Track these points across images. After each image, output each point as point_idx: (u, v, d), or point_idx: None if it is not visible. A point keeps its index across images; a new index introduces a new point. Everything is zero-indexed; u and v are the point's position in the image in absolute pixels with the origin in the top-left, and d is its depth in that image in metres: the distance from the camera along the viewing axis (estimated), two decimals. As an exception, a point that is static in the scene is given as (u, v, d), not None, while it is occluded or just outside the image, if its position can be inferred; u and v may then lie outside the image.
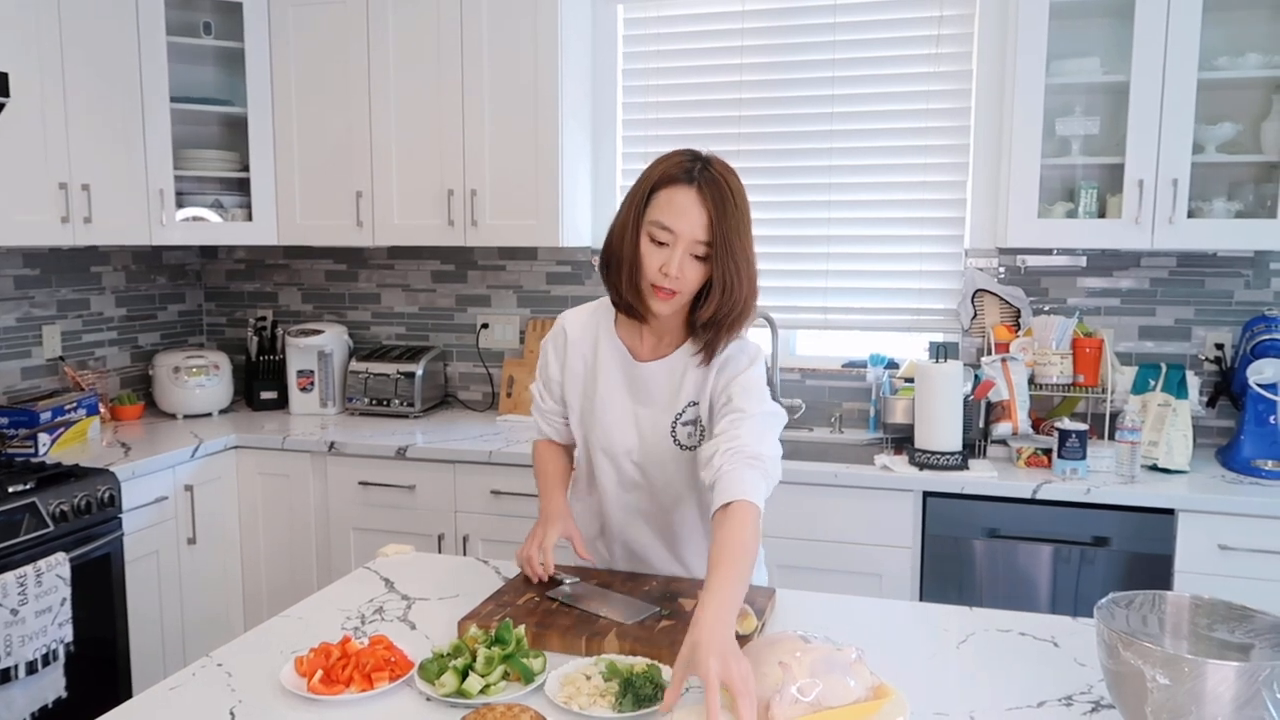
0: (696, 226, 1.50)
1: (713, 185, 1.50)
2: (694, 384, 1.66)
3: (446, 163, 3.20)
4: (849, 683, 1.26)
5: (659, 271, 1.52)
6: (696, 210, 1.49)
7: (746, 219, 1.54)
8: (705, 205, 1.49)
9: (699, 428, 1.67)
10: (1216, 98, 2.74)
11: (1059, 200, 2.90)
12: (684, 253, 1.51)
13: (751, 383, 1.59)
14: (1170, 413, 2.69)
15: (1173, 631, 1.29)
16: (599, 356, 1.71)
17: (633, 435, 1.70)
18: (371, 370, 3.45)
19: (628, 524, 1.79)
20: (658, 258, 1.52)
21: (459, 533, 2.99)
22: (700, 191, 1.50)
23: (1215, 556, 2.44)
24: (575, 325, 1.74)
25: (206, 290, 3.93)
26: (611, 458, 1.73)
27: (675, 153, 1.57)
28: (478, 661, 1.36)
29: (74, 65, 2.85)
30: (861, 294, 3.26)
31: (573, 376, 1.74)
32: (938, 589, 2.64)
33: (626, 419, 1.70)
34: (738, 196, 1.52)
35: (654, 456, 1.70)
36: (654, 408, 1.68)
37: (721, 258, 1.50)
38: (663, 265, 1.52)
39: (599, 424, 1.72)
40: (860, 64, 3.19)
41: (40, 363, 3.20)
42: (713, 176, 1.51)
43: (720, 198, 1.49)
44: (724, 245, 1.50)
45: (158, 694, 1.38)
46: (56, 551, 2.36)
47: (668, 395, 1.67)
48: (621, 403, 1.70)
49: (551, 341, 1.77)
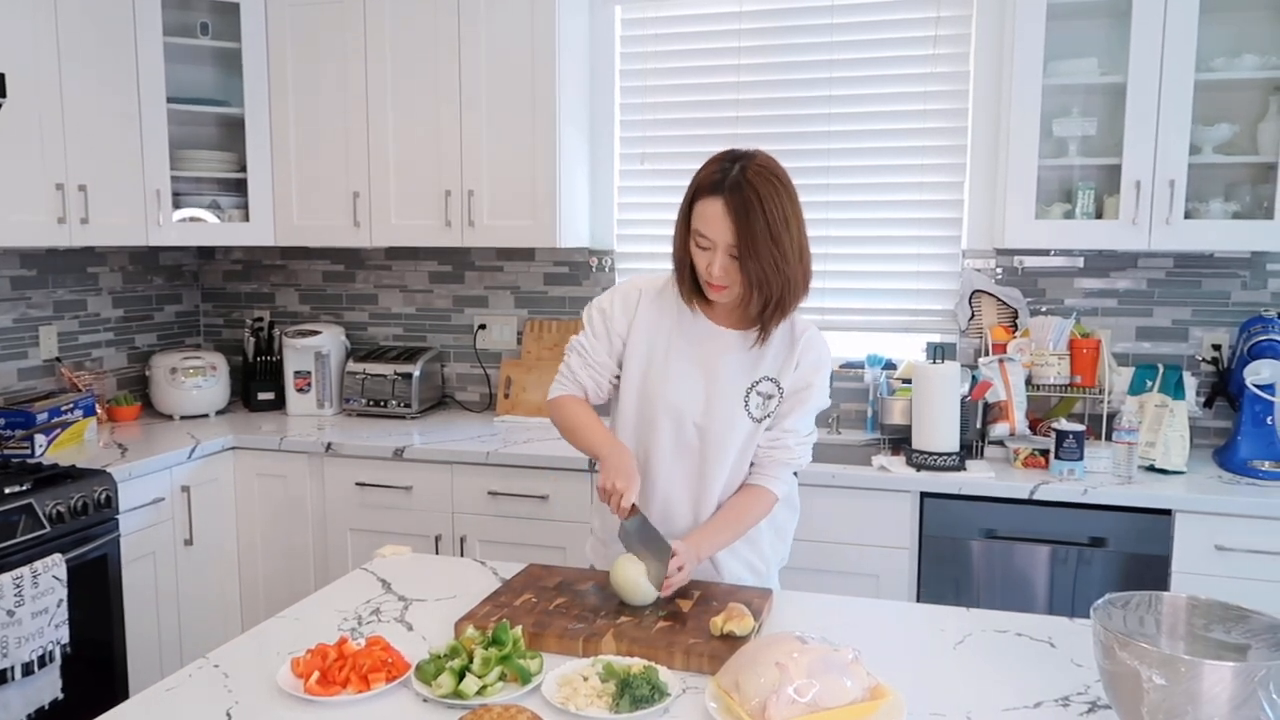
0: (726, 234, 1.63)
1: (737, 194, 1.61)
2: (773, 360, 1.78)
3: (444, 163, 3.20)
4: (846, 683, 1.26)
5: (706, 271, 1.68)
6: (723, 221, 1.62)
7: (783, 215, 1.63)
8: (730, 215, 1.62)
9: (772, 400, 1.79)
10: (1213, 99, 2.74)
11: (1056, 201, 2.90)
12: (723, 255, 1.65)
13: (823, 384, 1.82)
14: (1167, 413, 2.69)
15: (1169, 632, 1.29)
16: (678, 318, 1.81)
17: (701, 398, 1.78)
18: (369, 371, 3.44)
19: (667, 486, 1.82)
20: (703, 260, 1.68)
21: (456, 534, 2.99)
22: (726, 204, 1.62)
23: (1212, 557, 2.44)
24: (652, 286, 1.85)
25: (203, 291, 3.92)
26: (675, 418, 1.78)
27: (717, 157, 1.69)
28: (475, 662, 1.36)
29: (71, 66, 2.84)
30: (859, 295, 3.26)
31: (642, 333, 1.82)
32: (935, 589, 2.64)
33: (697, 381, 1.78)
34: (766, 200, 1.61)
35: (718, 421, 1.77)
36: (727, 373, 1.78)
37: (745, 260, 1.63)
38: (707, 266, 1.67)
39: (669, 381, 1.78)
40: (858, 65, 3.19)
41: (37, 364, 3.19)
42: (739, 183, 1.62)
43: (744, 206, 1.61)
44: (749, 250, 1.62)
45: (154, 695, 1.38)
46: (53, 553, 2.36)
47: (745, 365, 1.78)
48: (694, 365, 1.79)
49: (620, 299, 1.85)
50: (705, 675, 1.39)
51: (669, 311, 1.82)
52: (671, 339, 1.80)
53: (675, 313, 1.82)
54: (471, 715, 1.22)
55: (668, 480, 1.81)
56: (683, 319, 1.81)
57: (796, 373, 1.80)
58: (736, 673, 1.29)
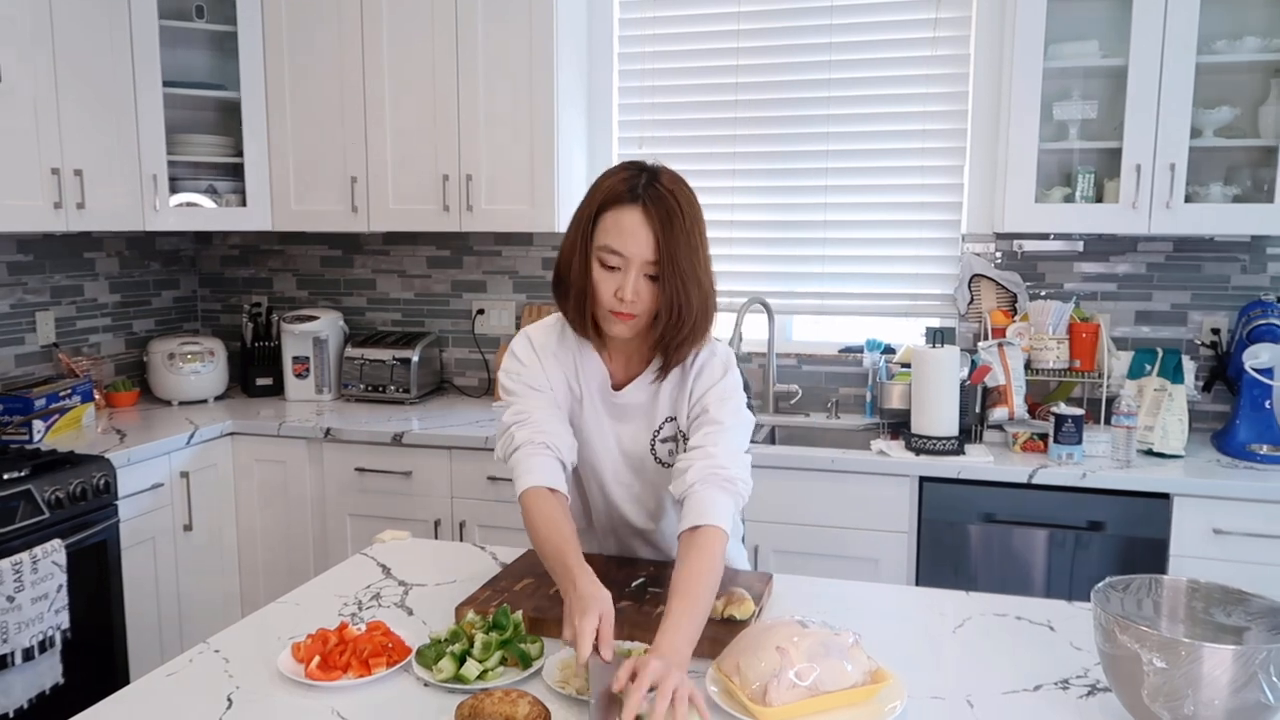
0: (645, 248, 1.44)
1: (658, 202, 1.44)
2: (668, 399, 1.61)
3: (442, 148, 3.18)
4: (846, 667, 1.26)
5: (614, 297, 1.47)
6: (644, 231, 1.43)
7: (698, 231, 1.48)
8: (651, 225, 1.43)
9: (678, 443, 1.63)
10: (1214, 81, 2.73)
11: (1056, 185, 2.90)
12: (637, 275, 1.46)
13: (727, 392, 1.56)
14: (1166, 397, 2.69)
15: (1169, 615, 1.30)
16: (581, 375, 1.63)
17: (616, 454, 1.67)
18: (367, 356, 3.44)
19: (614, 526, 1.78)
20: (611, 283, 1.47)
21: (455, 518, 2.99)
22: (645, 211, 1.44)
23: (1210, 540, 2.45)
24: (550, 339, 1.64)
25: (201, 276, 3.91)
26: (599, 481, 1.71)
27: (621, 167, 1.52)
28: (475, 647, 1.36)
29: (65, 50, 2.82)
30: (858, 279, 3.25)
31: (559, 383, 1.63)
32: (934, 573, 2.65)
33: (609, 439, 1.66)
34: (686, 210, 1.46)
35: (637, 474, 1.68)
36: (634, 426, 1.64)
37: (668, 277, 1.45)
38: (618, 290, 1.46)
39: (584, 444, 1.66)
40: (858, 48, 3.17)
41: (34, 349, 3.19)
42: (658, 192, 1.45)
43: (667, 214, 1.44)
44: (671, 264, 1.44)
45: (155, 680, 1.38)
46: (53, 538, 2.36)
47: (645, 413, 1.63)
48: (604, 423, 1.66)
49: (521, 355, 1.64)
50: (706, 659, 1.39)
51: (568, 361, 1.63)
52: (577, 394, 1.64)
53: (574, 362, 1.63)
54: (472, 700, 1.22)
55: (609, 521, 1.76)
56: (582, 368, 1.62)
57: (691, 402, 1.59)
58: (737, 657, 1.29)
